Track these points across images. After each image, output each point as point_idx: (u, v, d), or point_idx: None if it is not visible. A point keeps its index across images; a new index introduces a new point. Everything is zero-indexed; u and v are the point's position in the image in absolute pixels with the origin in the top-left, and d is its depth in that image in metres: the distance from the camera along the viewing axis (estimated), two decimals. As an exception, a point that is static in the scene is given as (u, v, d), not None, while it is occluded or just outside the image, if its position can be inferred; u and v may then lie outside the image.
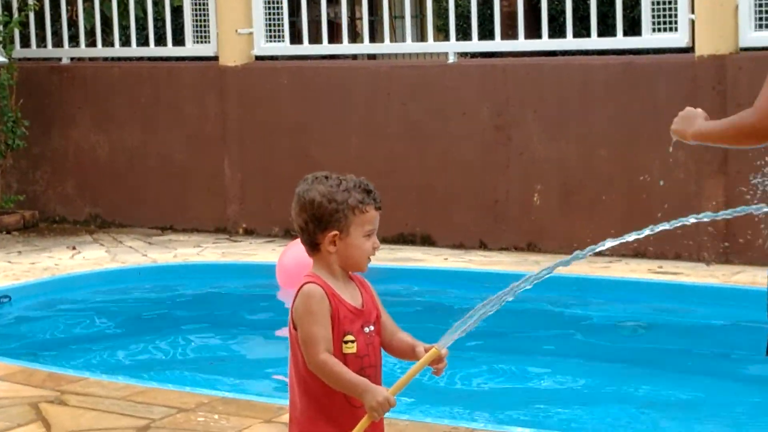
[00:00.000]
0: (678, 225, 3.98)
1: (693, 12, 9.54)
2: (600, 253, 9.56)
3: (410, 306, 8.61)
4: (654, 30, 9.79)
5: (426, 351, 3.85)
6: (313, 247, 3.94)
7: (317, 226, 3.90)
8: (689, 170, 9.40)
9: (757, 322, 4.35)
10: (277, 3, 11.20)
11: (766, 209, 4.06)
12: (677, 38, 9.71)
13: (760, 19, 9.23)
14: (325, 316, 3.85)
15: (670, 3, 9.69)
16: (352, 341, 3.87)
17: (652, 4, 9.75)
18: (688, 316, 8.53)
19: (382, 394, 3.80)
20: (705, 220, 4.19)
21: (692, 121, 4.12)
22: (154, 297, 9.89)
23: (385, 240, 10.52)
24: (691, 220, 4.06)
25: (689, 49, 9.65)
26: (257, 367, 8.41)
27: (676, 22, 9.65)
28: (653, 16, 9.71)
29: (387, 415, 5.75)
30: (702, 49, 9.50)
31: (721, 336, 7.85)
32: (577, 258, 3.96)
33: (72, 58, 12.40)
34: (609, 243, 3.99)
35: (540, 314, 8.96)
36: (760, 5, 9.24)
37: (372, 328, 3.95)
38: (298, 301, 3.88)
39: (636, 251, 9.72)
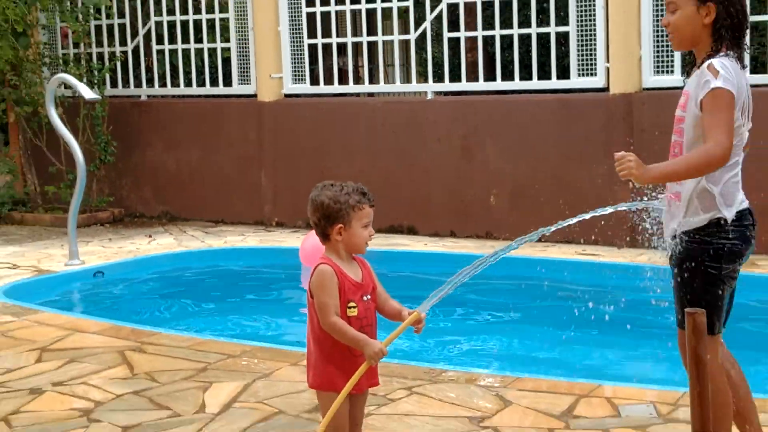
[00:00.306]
0: (582, 218, 4.18)
1: (608, 61, 9.50)
2: (540, 240, 9.77)
3: (399, 280, 8.49)
4: (579, 75, 9.72)
5: (409, 314, 3.93)
6: (324, 237, 4.01)
7: (327, 221, 3.97)
8: (605, 179, 9.41)
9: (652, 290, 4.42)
10: (300, 54, 11.28)
11: (649, 204, 4.18)
12: (596, 81, 9.63)
13: (657, 66, 9.28)
14: (334, 289, 3.91)
15: (591, 54, 9.61)
16: (354, 307, 3.94)
17: (578, 55, 9.66)
18: (603, 288, 8.50)
19: (378, 345, 3.88)
20: (607, 212, 4.22)
21: (640, 166, 3.77)
22: (209, 272, 9.89)
23: (380, 230, 10.79)
24: (590, 215, 4.17)
25: (605, 89, 9.59)
26: (285, 325, 8.31)
27: (595, 69, 9.60)
28: (579, 65, 9.71)
29: (385, 360, 5.90)
30: (614, 89, 9.45)
31: (629, 302, 7.83)
32: (522, 242, 4.13)
33: (148, 96, 12.44)
34: (540, 231, 4.17)
35: (498, 286, 8.85)
36: (658, 56, 9.29)
37: (369, 297, 4.01)
38: (314, 277, 3.96)
39: (566, 238, 9.68)
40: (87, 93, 9.58)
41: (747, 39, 3.97)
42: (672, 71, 9.12)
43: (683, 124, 3.93)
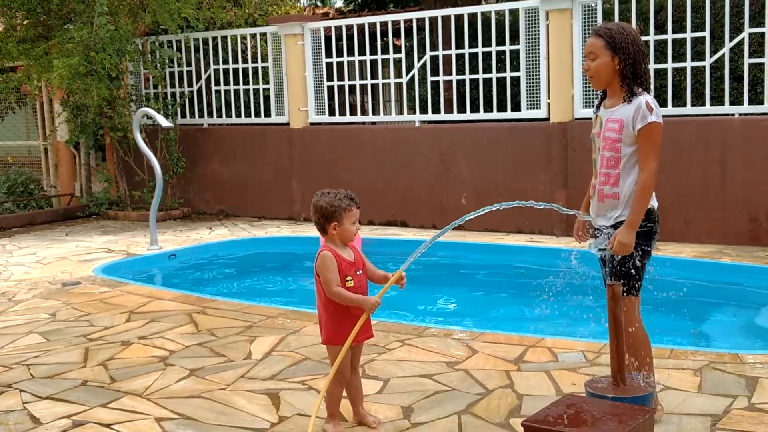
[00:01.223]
0: (512, 206, 4.15)
1: (549, 98, 9.45)
2: (497, 230, 9.75)
3: (394, 259, 8.64)
4: (528, 108, 9.69)
5: (392, 275, 3.99)
6: (323, 232, 4.06)
7: (325, 220, 4.02)
8: (547, 185, 9.45)
9: (587, 266, 4.48)
10: (321, 93, 11.27)
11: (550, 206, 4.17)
12: (540, 112, 9.48)
13: (586, 102, 9.26)
14: (335, 267, 3.97)
15: (536, 93, 9.54)
16: (350, 280, 4.00)
17: (527, 93, 9.57)
18: (545, 266, 8.51)
19: (373, 299, 3.96)
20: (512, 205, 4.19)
21: (625, 239, 3.87)
22: (254, 255, 9.86)
23: (379, 223, 10.78)
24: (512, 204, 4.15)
25: (547, 119, 9.44)
26: (309, 293, 8.30)
27: (540, 104, 9.53)
28: (527, 100, 9.68)
29: (381, 319, 5.93)
30: (554, 118, 9.35)
31: (565, 275, 7.83)
32: (456, 223, 4.13)
33: (209, 124, 12.38)
34: (470, 215, 4.16)
35: (468, 266, 8.92)
36: (585, 94, 9.28)
37: (360, 271, 4.06)
38: (319, 261, 4.00)
39: (517, 229, 9.73)
40: (163, 122, 9.61)
41: (647, 80, 4.02)
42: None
43: (619, 144, 3.97)
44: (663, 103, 9.01)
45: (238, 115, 12.18)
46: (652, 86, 4.11)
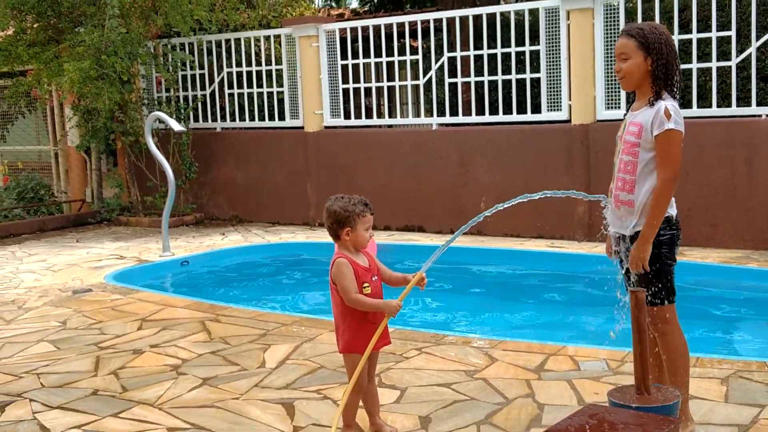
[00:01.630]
0: (520, 201, 4.15)
1: (570, 99, 9.45)
2: (517, 235, 9.74)
3: (412, 264, 8.60)
4: (549, 110, 9.70)
5: (413, 277, 3.99)
6: (336, 237, 4.06)
7: (338, 225, 4.02)
8: (567, 187, 9.35)
9: (610, 272, 4.44)
10: (336, 96, 11.30)
11: (586, 196, 4.16)
12: (562, 114, 9.50)
13: (608, 103, 9.23)
14: (351, 274, 3.96)
15: (557, 94, 9.55)
16: (368, 286, 3.99)
17: (547, 95, 9.60)
18: (571, 270, 8.50)
19: (395, 302, 3.95)
20: (536, 197, 4.17)
21: (641, 253, 3.88)
22: (268, 261, 9.85)
23: (397, 228, 10.77)
24: (526, 198, 4.15)
25: (568, 121, 9.47)
26: (325, 300, 8.21)
27: (560, 106, 9.53)
28: (548, 102, 9.68)
29: (398, 327, 5.92)
30: (575, 120, 9.35)
31: (588, 282, 7.79)
32: (473, 222, 4.17)
33: (222, 128, 12.43)
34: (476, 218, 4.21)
35: (488, 272, 8.91)
36: (608, 96, 9.26)
37: (376, 277, 4.06)
38: (334, 268, 3.99)
39: (538, 234, 9.65)
40: (176, 126, 9.66)
41: (678, 82, 4.00)
42: (619, 107, 9.08)
43: (638, 148, 3.94)
44: (688, 104, 8.99)
45: (252, 119, 12.21)
46: (679, 87, 4.05)
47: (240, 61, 12.18)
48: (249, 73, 12.14)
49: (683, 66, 9.01)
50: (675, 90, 3.98)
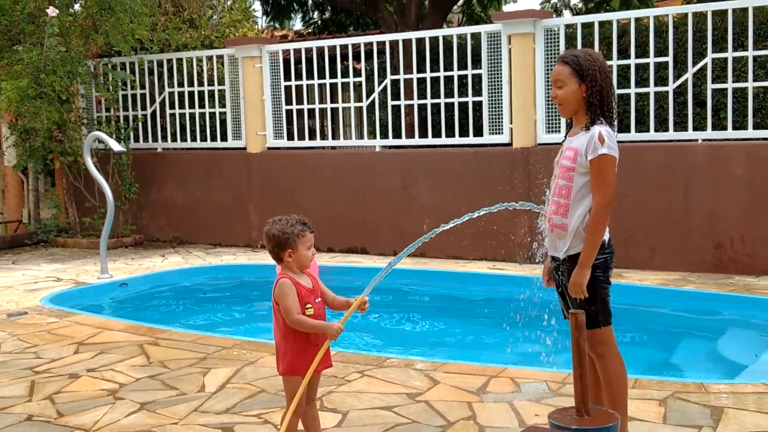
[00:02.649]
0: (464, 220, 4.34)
1: (512, 123, 9.53)
2: (461, 257, 9.77)
3: (354, 287, 8.61)
4: (491, 133, 9.77)
5: (355, 300, 4.00)
6: (278, 260, 4.06)
7: (279, 248, 4.02)
8: (510, 211, 9.42)
9: (550, 295, 4.46)
10: (280, 117, 11.27)
11: (512, 205, 4.28)
12: (503, 138, 9.59)
13: (548, 127, 9.35)
14: (294, 294, 3.95)
15: (499, 118, 9.64)
16: (310, 307, 3.99)
17: (489, 118, 9.69)
18: (512, 292, 8.52)
19: (337, 324, 3.96)
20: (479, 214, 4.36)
21: (579, 279, 3.90)
22: (209, 283, 9.76)
23: (340, 250, 10.73)
24: (475, 214, 4.32)
25: (510, 144, 9.57)
26: (266, 323, 8.20)
27: (502, 129, 9.62)
28: (490, 126, 9.78)
29: (340, 349, 5.90)
30: (516, 144, 9.45)
31: (529, 304, 7.82)
32: (417, 245, 4.28)
33: (163, 148, 12.29)
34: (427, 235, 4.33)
35: (429, 295, 8.97)
36: (548, 120, 9.37)
37: (319, 299, 4.06)
38: (277, 289, 3.98)
39: (480, 256, 9.71)
40: (115, 146, 9.56)
41: (614, 108, 4.05)
42: (559, 130, 9.18)
43: (573, 173, 3.98)
44: (626, 129, 9.14)
45: (194, 140, 12.12)
46: (615, 113, 4.10)
47: (182, 81, 12.10)
48: (191, 94, 12.06)
49: (622, 91, 9.20)
50: (611, 116, 4.03)
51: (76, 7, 12.16)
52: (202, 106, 12.04)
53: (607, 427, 3.52)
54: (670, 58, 8.79)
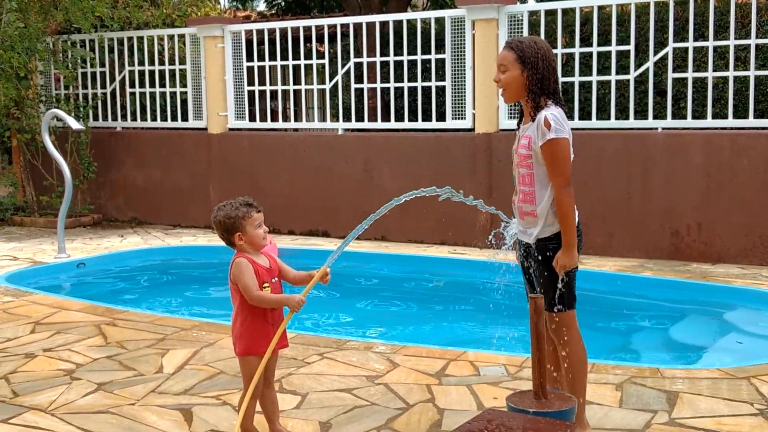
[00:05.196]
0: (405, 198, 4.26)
1: (474, 108, 9.60)
2: (422, 241, 9.80)
3: (315, 268, 8.56)
4: (453, 118, 9.82)
5: (317, 272, 3.98)
6: (231, 245, 4.05)
7: (227, 233, 4.01)
8: (469, 193, 9.46)
9: (510, 279, 4.52)
10: (242, 98, 11.22)
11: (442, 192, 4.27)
12: (466, 123, 9.64)
13: (510, 113, 9.40)
14: (251, 272, 3.94)
15: (462, 103, 9.72)
16: (267, 287, 3.99)
17: (452, 103, 9.74)
18: (469, 278, 8.57)
19: (299, 296, 3.93)
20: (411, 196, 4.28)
21: (568, 256, 3.96)
22: (168, 264, 9.71)
23: (301, 233, 10.70)
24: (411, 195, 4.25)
25: (472, 129, 9.63)
26: (225, 304, 8.21)
27: (464, 114, 9.68)
28: (453, 110, 9.82)
29: (300, 332, 5.88)
30: (479, 129, 9.49)
31: (489, 288, 7.87)
32: (368, 223, 4.16)
33: (123, 127, 12.20)
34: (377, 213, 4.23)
35: (390, 278, 8.97)
36: (510, 107, 9.35)
37: (276, 279, 4.06)
38: (234, 268, 3.98)
39: (441, 240, 9.80)
40: (74, 124, 9.44)
41: (557, 94, 4.04)
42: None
43: (531, 160, 4.00)
44: (587, 116, 9.20)
45: (154, 119, 12.03)
46: (562, 101, 4.11)
47: (142, 59, 11.98)
48: (152, 72, 11.95)
49: (584, 78, 9.25)
50: (558, 98, 4.02)
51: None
52: (162, 85, 11.94)
53: (565, 411, 3.56)
54: (631, 47, 8.86)
